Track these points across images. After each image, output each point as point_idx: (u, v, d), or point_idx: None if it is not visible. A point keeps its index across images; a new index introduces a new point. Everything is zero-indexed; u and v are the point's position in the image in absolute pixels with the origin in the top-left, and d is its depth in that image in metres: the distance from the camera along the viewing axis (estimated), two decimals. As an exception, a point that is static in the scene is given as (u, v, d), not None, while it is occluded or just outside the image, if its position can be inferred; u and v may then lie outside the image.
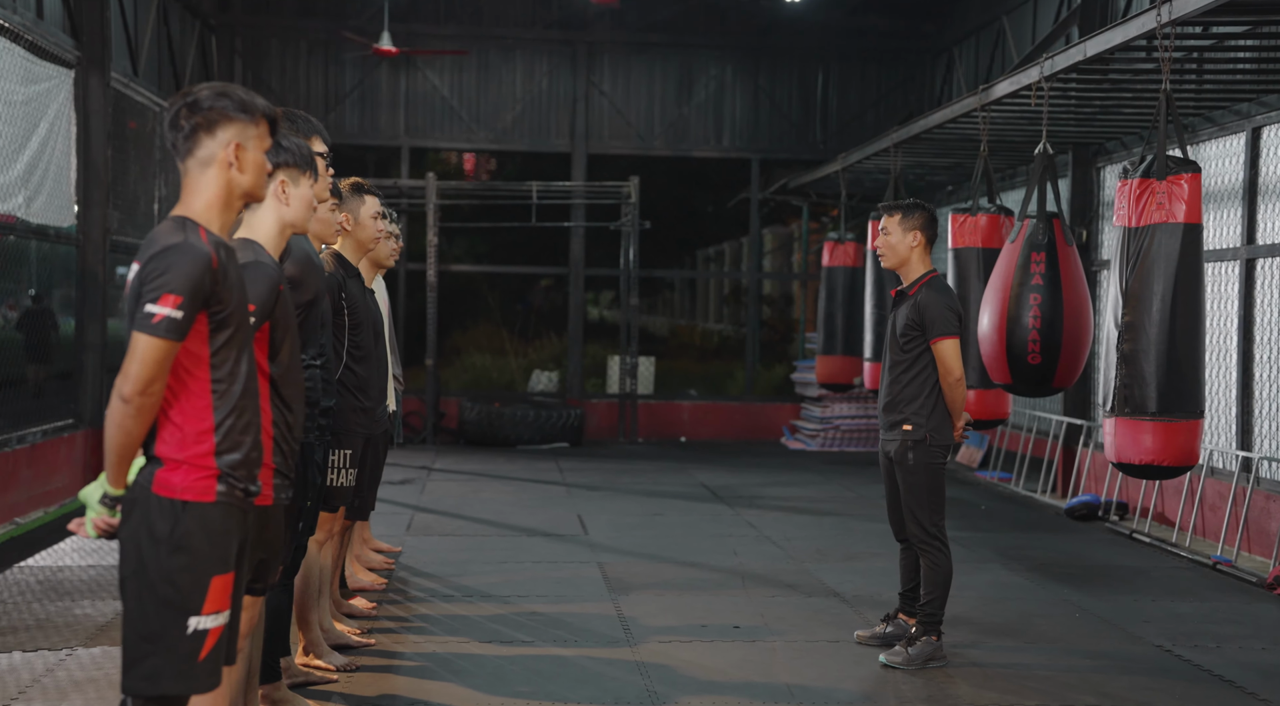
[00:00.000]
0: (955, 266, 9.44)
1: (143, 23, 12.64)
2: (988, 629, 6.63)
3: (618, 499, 10.71)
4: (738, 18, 16.00)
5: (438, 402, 14.87)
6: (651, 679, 5.57)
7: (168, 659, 3.14)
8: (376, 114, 15.61)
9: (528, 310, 18.54)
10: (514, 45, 15.73)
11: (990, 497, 11.43)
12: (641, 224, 15.15)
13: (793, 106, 16.25)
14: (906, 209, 6.05)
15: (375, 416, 6.06)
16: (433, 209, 14.46)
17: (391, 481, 11.30)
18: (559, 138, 15.80)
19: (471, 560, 8.00)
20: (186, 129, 3.20)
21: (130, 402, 3.05)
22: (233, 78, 15.35)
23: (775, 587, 7.45)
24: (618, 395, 15.51)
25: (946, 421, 5.96)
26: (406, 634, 6.23)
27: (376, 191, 5.86)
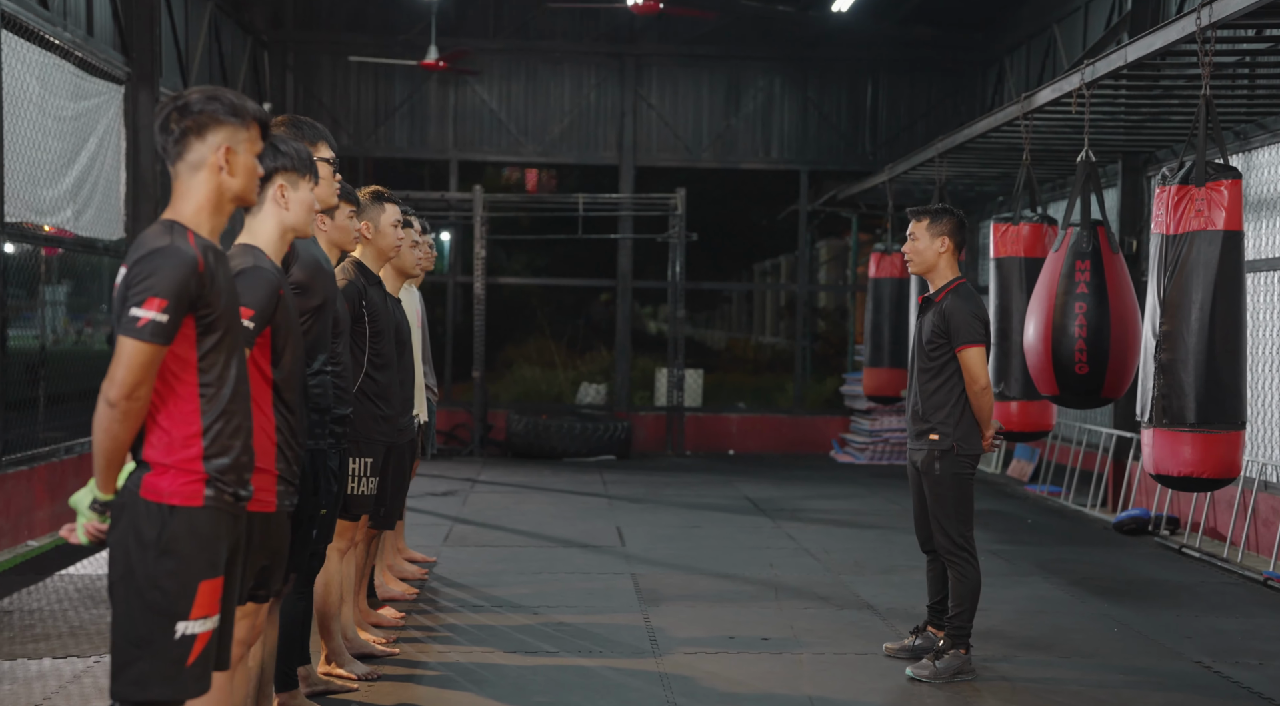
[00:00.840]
0: (998, 277, 9.32)
1: (194, 39, 12.80)
2: (1020, 643, 6.51)
3: (658, 511, 10.66)
4: (786, 29, 15.94)
5: (485, 415, 14.89)
6: (673, 690, 5.53)
7: (155, 664, 3.13)
8: (425, 128, 15.71)
9: (588, 323, 18.52)
10: (562, 58, 15.78)
11: (1038, 511, 11.26)
12: (688, 236, 15.11)
13: (842, 118, 16.16)
14: (934, 214, 5.98)
15: (399, 425, 6.06)
16: (479, 221, 14.49)
17: (434, 493, 11.34)
18: (606, 150, 15.82)
19: (505, 571, 7.99)
20: (176, 132, 3.21)
21: (116, 407, 3.05)
22: (284, 93, 15.53)
23: (808, 600, 7.37)
24: (665, 408, 15.47)
25: (974, 431, 5.87)
26: (432, 643, 6.22)
27: (397, 200, 5.87)
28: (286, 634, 5.02)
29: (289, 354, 3.80)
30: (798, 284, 16.68)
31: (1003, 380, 9.25)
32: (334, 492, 5.02)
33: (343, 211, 5.17)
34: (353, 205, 5.22)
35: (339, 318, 5.06)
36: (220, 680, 3.70)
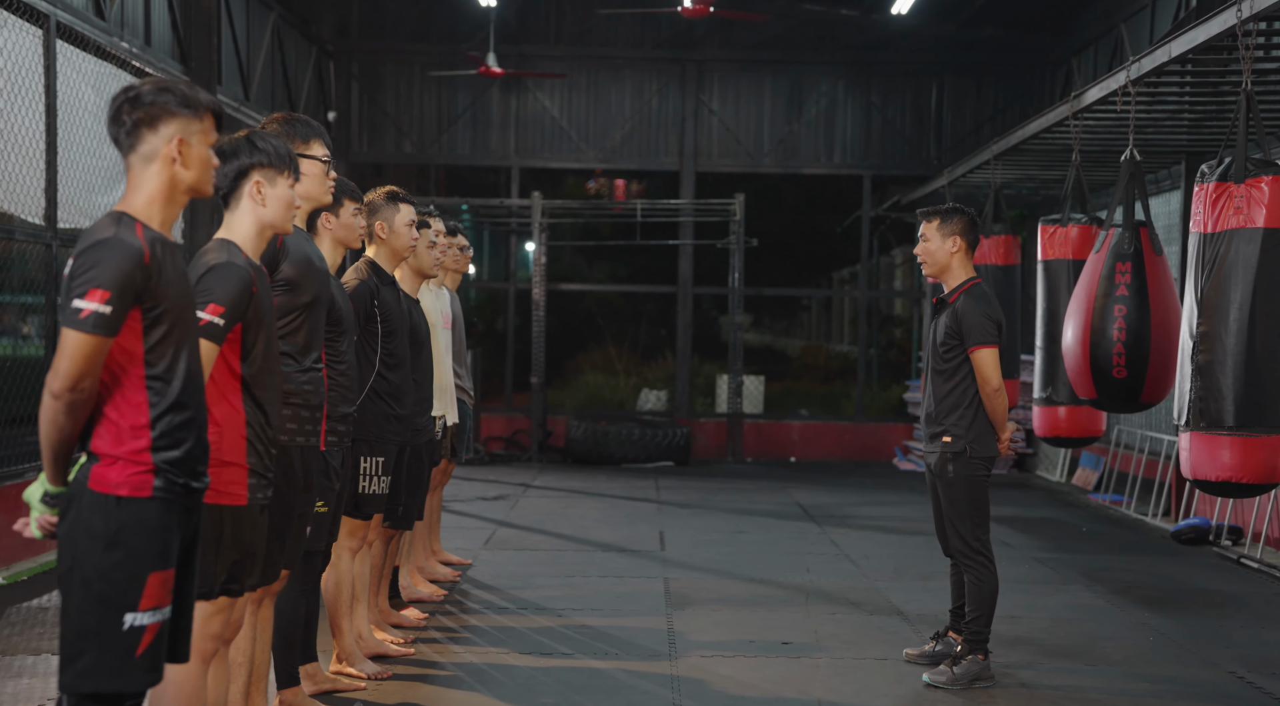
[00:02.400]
0: (1045, 279, 9.16)
1: (255, 49, 13.00)
2: (1049, 650, 6.37)
3: (705, 516, 10.60)
4: (848, 33, 15.83)
5: (544, 420, 14.93)
6: (681, 693, 5.48)
7: (102, 656, 3.13)
8: (488, 135, 15.81)
9: (670, 332, 18.45)
10: (623, 65, 15.80)
11: (1097, 520, 11.04)
12: (747, 241, 15.04)
13: (906, 122, 16.01)
14: (944, 214, 5.88)
15: (416, 425, 6.08)
16: (538, 227, 14.54)
17: (485, 497, 11.38)
18: (668, 156, 15.81)
19: (538, 574, 7.98)
20: (128, 124, 3.23)
21: (60, 399, 3.07)
22: (349, 102, 15.72)
23: (838, 605, 7.28)
24: (725, 414, 15.39)
25: (988, 433, 5.76)
26: (450, 644, 6.23)
27: (412, 200, 5.89)
28: (286, 631, 5.04)
29: (260, 349, 3.81)
30: (859, 290, 16.51)
31: (1050, 385, 9.07)
32: (336, 491, 5.04)
33: (348, 209, 5.20)
34: (358, 203, 5.24)
35: (343, 316, 5.07)
36: (188, 672, 3.74)
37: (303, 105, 14.47)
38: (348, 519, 5.62)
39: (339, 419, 5.04)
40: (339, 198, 5.18)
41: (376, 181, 17.27)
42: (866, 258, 16.32)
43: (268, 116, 4.74)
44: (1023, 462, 14.78)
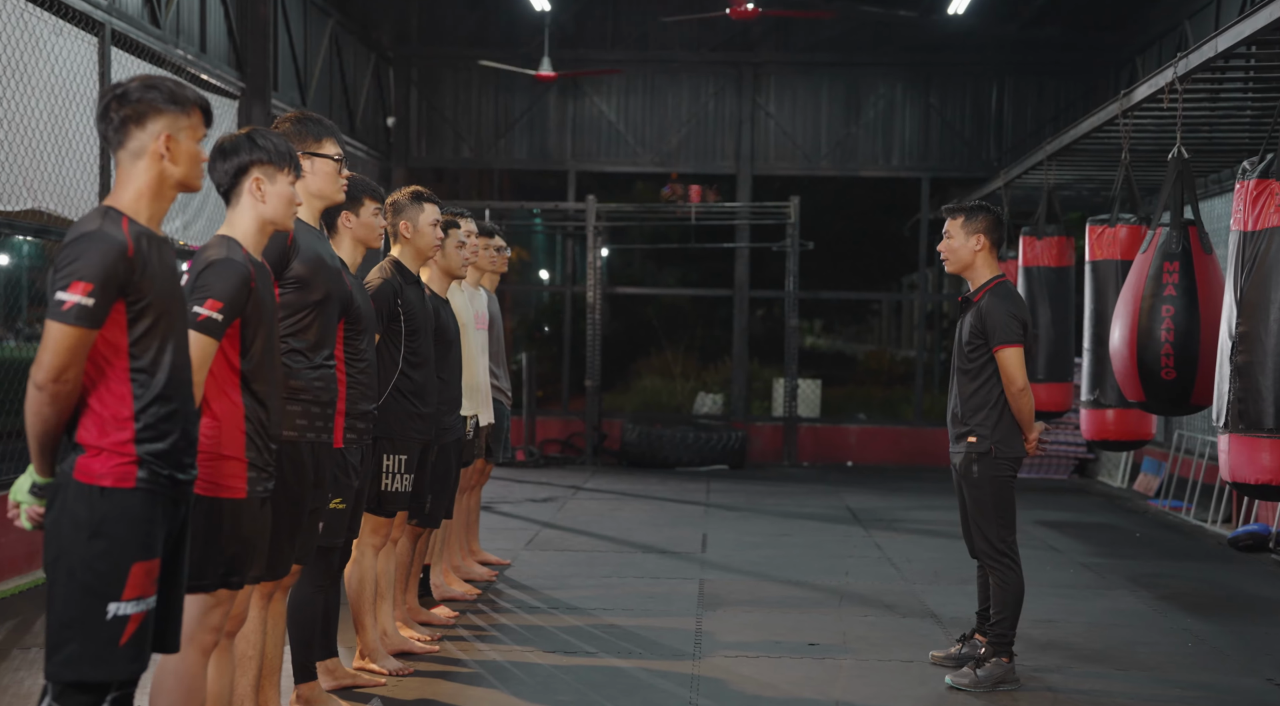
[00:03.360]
0: (1093, 280, 9.04)
1: (313, 55, 13.16)
2: (1082, 655, 6.27)
3: (752, 519, 10.56)
4: (907, 35, 15.71)
5: (600, 423, 14.95)
6: (699, 692, 5.46)
7: (86, 644, 3.17)
8: (545, 139, 15.88)
9: (754, 339, 18.40)
10: (680, 69, 15.81)
11: (1153, 526, 10.84)
12: (803, 244, 14.97)
13: (965, 124, 15.85)
14: (969, 211, 5.81)
15: (444, 424, 6.12)
16: (592, 231, 14.58)
17: (534, 499, 11.43)
18: (724, 159, 15.78)
19: (575, 574, 8.00)
20: (116, 121, 3.29)
21: (44, 390, 3.12)
22: (408, 107, 15.88)
23: (872, 607, 7.22)
24: (782, 418, 15.33)
25: (1014, 433, 5.68)
26: (476, 642, 6.26)
27: (437, 200, 5.92)
28: (303, 626, 5.09)
29: (260, 345, 3.85)
30: (918, 294, 16.36)
31: (1097, 387, 8.95)
32: (354, 488, 5.09)
33: (368, 208, 5.24)
34: (378, 202, 5.29)
35: (362, 314, 5.11)
36: (187, 663, 3.78)
37: (361, 111, 14.64)
38: (371, 516, 5.68)
39: (358, 416, 5.08)
40: (359, 197, 5.23)
41: (437, 186, 17.48)
42: (925, 261, 16.15)
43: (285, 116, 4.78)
44: (1084, 468, 14.57)
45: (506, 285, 18.92)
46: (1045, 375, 10.93)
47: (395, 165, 15.82)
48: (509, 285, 19.20)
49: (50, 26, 8.32)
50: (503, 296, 18.72)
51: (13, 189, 7.76)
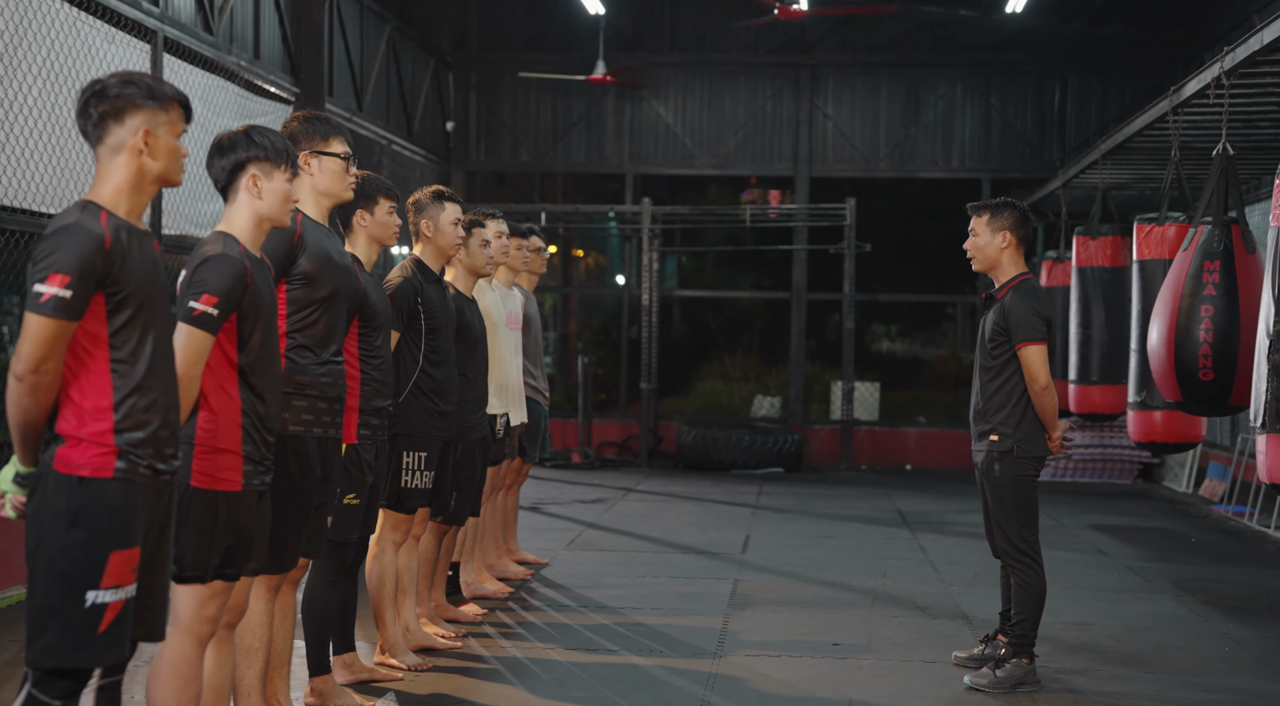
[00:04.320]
0: (1140, 280, 8.89)
1: (370, 61, 13.32)
2: (1111, 657, 6.17)
3: (798, 521, 10.51)
4: (967, 34, 15.56)
5: (656, 426, 14.96)
6: (713, 690, 5.45)
7: (65, 632, 3.22)
8: (603, 143, 15.94)
9: (820, 343, 18.33)
10: (737, 71, 15.79)
11: (1212, 532, 10.63)
12: (860, 246, 14.87)
13: (1027, 124, 15.66)
14: (994, 208, 5.74)
15: (468, 422, 6.17)
16: (648, 234, 14.59)
17: (584, 500, 11.46)
18: (782, 161, 15.73)
19: (610, 574, 8.01)
20: (95, 117, 3.35)
21: (24, 381, 3.19)
22: (467, 112, 16.01)
23: (904, 608, 7.16)
24: (839, 421, 15.24)
25: (1037, 432, 5.61)
26: (500, 639, 6.29)
27: (458, 198, 5.97)
28: (316, 620, 5.15)
29: (257, 339, 3.91)
30: (977, 296, 16.15)
31: (1144, 389, 8.80)
32: (368, 484, 5.14)
33: (382, 207, 5.29)
34: (393, 201, 5.34)
35: (378, 312, 5.17)
36: (183, 653, 3.84)
37: (419, 116, 14.78)
38: (391, 512, 5.74)
39: (373, 413, 5.14)
40: (374, 195, 5.29)
41: (498, 190, 17.61)
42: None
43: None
44: (1149, 473, 14.33)
45: (574, 289, 19.09)
46: (1099, 377, 10.79)
47: (454, 169, 15.96)
48: (577, 289, 19.37)
49: (103, 34, 8.50)
50: (566, 299, 18.86)
51: (66, 193, 7.93)
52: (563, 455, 14.47)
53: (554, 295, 18.68)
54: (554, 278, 19.04)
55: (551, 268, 18.72)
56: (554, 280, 19.05)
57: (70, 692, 3.32)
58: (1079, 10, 15.10)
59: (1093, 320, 10.82)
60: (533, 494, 11.78)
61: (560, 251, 19.08)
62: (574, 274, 21.76)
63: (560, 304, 19.00)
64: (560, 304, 19.00)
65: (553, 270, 18.85)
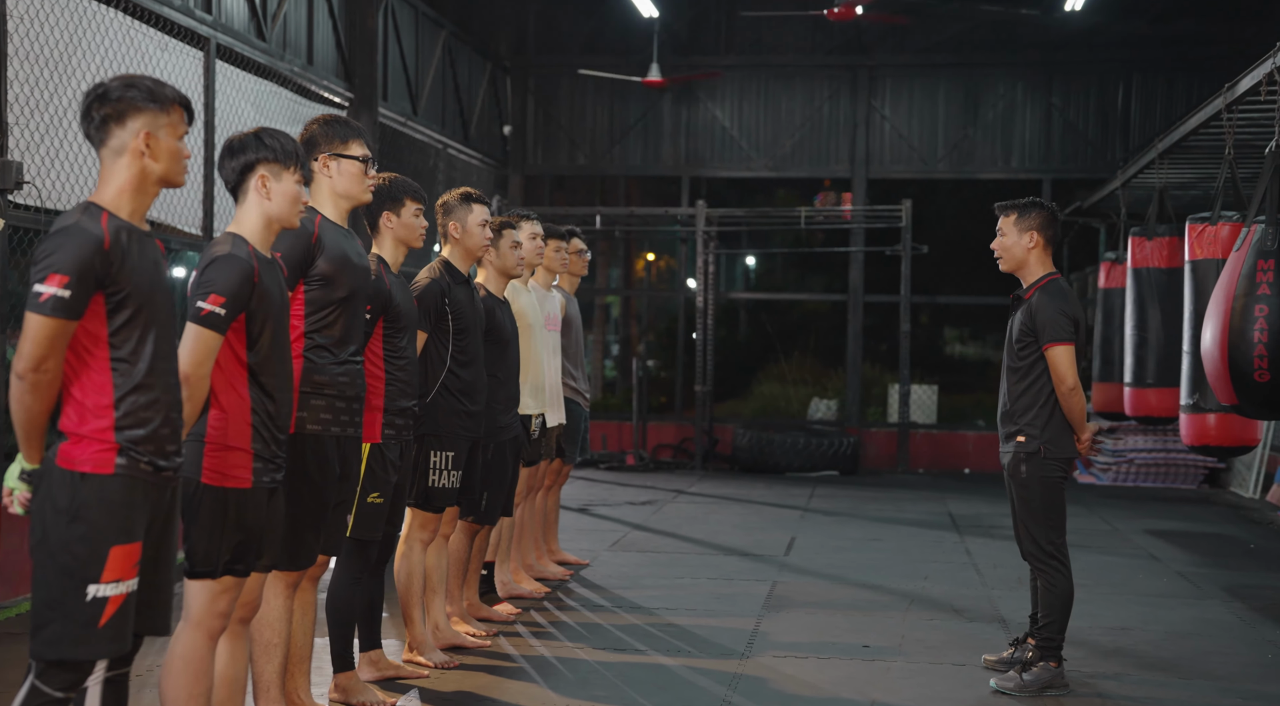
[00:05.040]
0: (1193, 281, 8.74)
1: (425, 66, 13.45)
2: (1147, 662, 6.08)
3: (846, 524, 10.45)
4: (1028, 33, 15.39)
5: (711, 429, 14.95)
6: (735, 690, 5.44)
7: (67, 625, 3.29)
8: (659, 145, 15.96)
9: (890, 346, 18.27)
10: (794, 73, 15.74)
11: (1273, 537, 10.43)
12: (917, 248, 14.75)
13: (1089, 123, 15.46)
14: (1022, 208, 5.68)
15: (498, 422, 6.20)
16: (702, 236, 14.57)
17: (634, 502, 11.48)
18: (838, 163, 15.66)
19: (649, 575, 8.02)
20: (97, 120, 3.42)
21: (25, 379, 3.26)
22: (524, 115, 16.10)
23: (940, 611, 7.10)
24: (896, 424, 15.13)
25: (1065, 433, 5.54)
26: (530, 638, 6.32)
27: (486, 200, 6.01)
28: (340, 617, 5.20)
29: (266, 338, 3.96)
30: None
31: (1197, 391, 8.65)
32: (391, 483, 5.19)
33: (409, 209, 5.35)
34: (419, 203, 5.39)
35: (402, 313, 5.23)
36: (194, 647, 3.90)
37: (475, 120, 14.90)
38: (419, 511, 5.79)
39: (397, 413, 5.19)
40: (400, 197, 5.35)
41: (558, 194, 17.70)
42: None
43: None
44: (1215, 478, 14.07)
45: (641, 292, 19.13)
46: (1155, 380, 10.61)
47: (512, 173, 16.06)
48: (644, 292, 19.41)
49: (155, 42, 8.66)
50: (628, 303, 18.91)
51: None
52: (617, 457, 14.50)
53: (615, 298, 18.76)
54: (615, 280, 19.12)
55: (613, 271, 18.81)
56: (615, 283, 19.12)
57: (71, 684, 3.38)
58: (1144, 7, 14.89)
59: (1149, 322, 10.65)
60: (583, 495, 11.83)
61: (622, 255, 19.15)
62: (635, 277, 21.80)
63: (623, 307, 19.07)
64: (623, 307, 19.07)
65: (614, 273, 18.93)
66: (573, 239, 8.03)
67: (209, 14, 9.26)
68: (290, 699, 4.80)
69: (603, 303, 19.53)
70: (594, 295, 19.67)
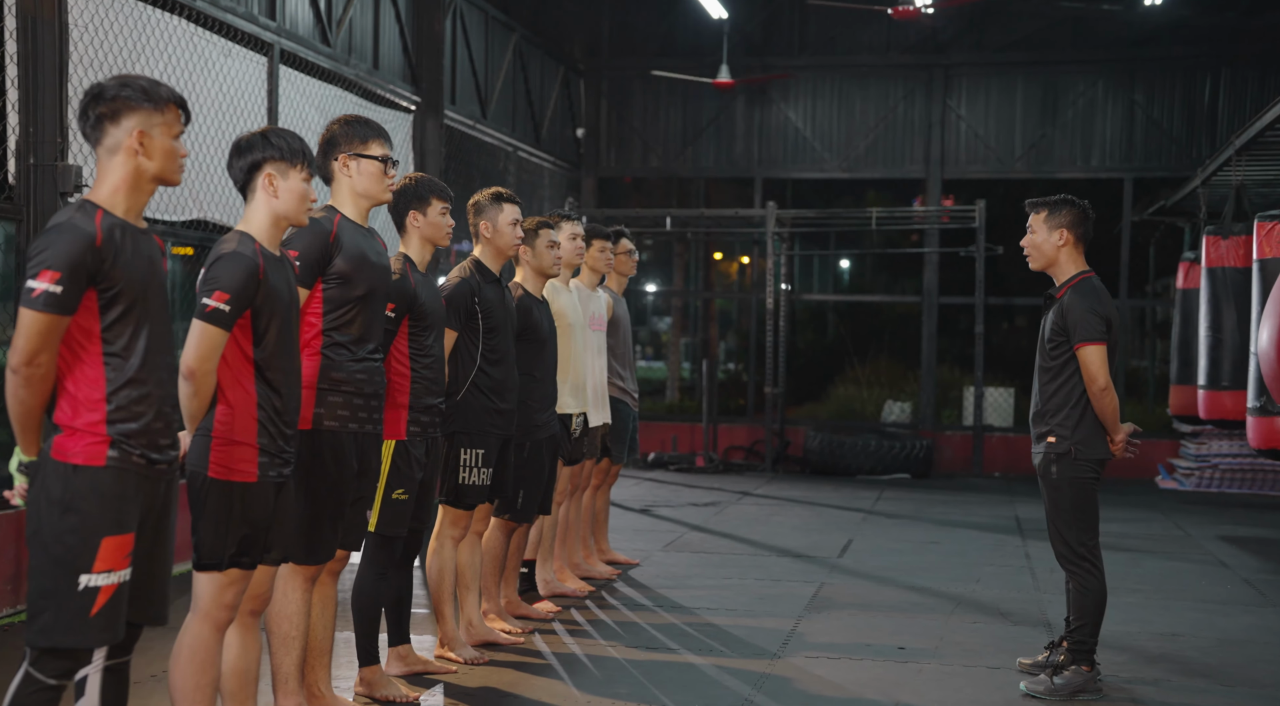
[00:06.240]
0: (1260, 279, 8.54)
1: (494, 69, 13.56)
2: (1190, 669, 5.93)
3: (908, 527, 10.33)
4: (1108, 29, 15.11)
5: (782, 431, 14.87)
6: (760, 690, 5.41)
7: (60, 614, 3.37)
8: (732, 147, 15.92)
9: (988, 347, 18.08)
10: (868, 73, 15.61)
11: (1352, 543, 10.12)
12: (991, 249, 14.54)
13: (1173, 120, 15.11)
14: (1052, 205, 5.57)
15: (535, 421, 6.24)
16: (772, 238, 14.50)
17: (697, 504, 11.46)
18: (913, 164, 15.50)
19: (696, 575, 8.00)
20: (92, 119, 3.50)
21: (18, 373, 3.34)
22: (598, 118, 16.16)
23: (985, 614, 6.99)
24: (971, 427, 14.92)
25: (1097, 434, 5.43)
26: (565, 636, 6.34)
27: (517, 200, 6.04)
28: (365, 611, 5.26)
29: (273, 335, 4.02)
30: (1119, 300, 15.60)
31: (1264, 393, 8.44)
32: (417, 479, 5.24)
33: (435, 208, 5.39)
34: (445, 202, 5.43)
35: (427, 312, 5.27)
36: (200, 638, 3.98)
37: (547, 122, 14.98)
38: (449, 508, 5.84)
39: (423, 410, 5.24)
40: (426, 197, 5.40)
41: (636, 196, 17.74)
42: (1128, 265, 15.42)
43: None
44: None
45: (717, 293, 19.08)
46: (1230, 382, 10.36)
47: (585, 175, 16.12)
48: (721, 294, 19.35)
49: (219, 49, 8.84)
50: (706, 305, 18.87)
51: (181, 202, 8.28)
52: (687, 459, 14.48)
53: (695, 300, 18.75)
54: (692, 281, 19.09)
55: (689, 272, 18.79)
56: (692, 284, 19.09)
57: (65, 672, 3.47)
58: (1233, 0, 14.52)
59: (1223, 323, 10.41)
60: (648, 496, 11.85)
61: (701, 256, 19.12)
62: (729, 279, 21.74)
63: (702, 309, 19.03)
64: (702, 309, 19.03)
65: (691, 275, 18.90)
66: (620, 239, 8.04)
67: (272, 20, 9.43)
68: (310, 691, 4.86)
69: (679, 304, 19.51)
70: (672, 298, 19.69)
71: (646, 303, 26.47)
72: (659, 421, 15.64)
